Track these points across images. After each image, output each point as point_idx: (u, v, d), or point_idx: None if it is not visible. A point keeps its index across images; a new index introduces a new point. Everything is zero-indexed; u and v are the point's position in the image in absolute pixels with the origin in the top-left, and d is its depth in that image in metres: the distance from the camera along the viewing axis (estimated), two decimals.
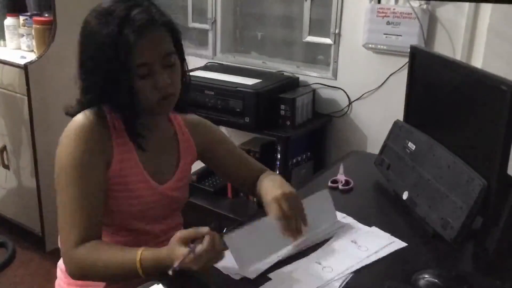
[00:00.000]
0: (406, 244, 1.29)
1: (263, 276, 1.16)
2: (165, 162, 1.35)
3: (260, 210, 1.33)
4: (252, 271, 1.17)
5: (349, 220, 1.39)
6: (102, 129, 1.22)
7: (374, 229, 1.35)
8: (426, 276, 1.11)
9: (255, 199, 2.41)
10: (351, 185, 1.58)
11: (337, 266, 1.19)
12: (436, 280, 1.10)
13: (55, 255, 1.42)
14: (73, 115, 1.27)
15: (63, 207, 1.19)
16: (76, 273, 1.18)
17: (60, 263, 1.40)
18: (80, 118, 1.22)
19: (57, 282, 1.41)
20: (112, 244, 1.22)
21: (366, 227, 1.36)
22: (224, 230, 1.27)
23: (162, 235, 1.34)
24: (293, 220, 1.21)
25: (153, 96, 1.20)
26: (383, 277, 1.16)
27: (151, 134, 1.30)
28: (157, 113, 1.27)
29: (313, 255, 1.24)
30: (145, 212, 1.29)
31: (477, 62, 2.04)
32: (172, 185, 1.33)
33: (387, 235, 1.33)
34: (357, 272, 1.17)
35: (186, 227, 1.27)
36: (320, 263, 1.20)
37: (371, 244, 1.28)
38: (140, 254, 1.12)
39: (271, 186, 1.30)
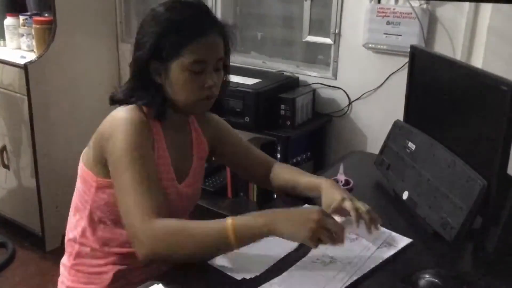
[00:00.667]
0: (412, 240, 1.30)
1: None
2: (183, 161, 1.38)
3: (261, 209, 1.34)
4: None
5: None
6: (145, 122, 1.24)
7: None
8: (426, 276, 1.11)
9: (255, 199, 2.42)
10: (351, 185, 1.58)
11: (342, 260, 1.19)
12: (436, 280, 1.10)
13: (55, 255, 1.43)
14: (119, 101, 1.29)
15: (128, 188, 1.16)
16: (154, 247, 1.10)
17: (64, 260, 1.41)
18: (126, 114, 1.22)
19: (60, 279, 1.42)
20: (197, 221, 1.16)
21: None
22: None
23: None
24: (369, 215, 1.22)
25: (198, 94, 1.25)
26: (384, 277, 1.16)
27: (176, 132, 1.35)
28: (194, 111, 1.33)
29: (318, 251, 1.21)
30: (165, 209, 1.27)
31: (477, 62, 2.03)
32: (188, 182, 1.37)
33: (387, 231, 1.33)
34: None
35: None
36: (323, 259, 1.20)
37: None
38: (230, 219, 1.09)
39: (317, 181, 1.39)
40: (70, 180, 2.98)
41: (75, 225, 1.37)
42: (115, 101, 1.31)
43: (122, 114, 1.23)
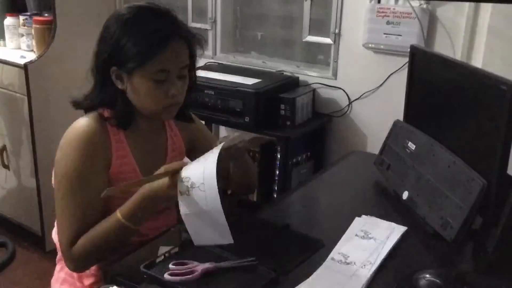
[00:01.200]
0: (406, 228, 1.32)
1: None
2: (154, 160, 1.36)
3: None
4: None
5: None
6: (102, 130, 1.26)
7: (371, 219, 1.37)
8: (426, 276, 1.11)
9: (255, 199, 2.41)
10: None
11: (358, 259, 1.20)
12: (436, 280, 1.10)
13: (55, 255, 1.43)
14: (82, 108, 1.32)
15: (61, 211, 1.25)
16: (80, 266, 1.25)
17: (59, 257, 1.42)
18: (81, 123, 1.27)
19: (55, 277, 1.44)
20: (94, 227, 1.24)
21: (368, 218, 1.37)
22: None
23: (152, 232, 1.36)
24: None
25: (162, 102, 1.25)
26: (384, 277, 1.16)
27: (144, 136, 1.34)
28: (158, 118, 1.32)
29: (332, 251, 1.23)
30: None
31: (477, 62, 2.04)
32: None
33: (387, 222, 1.35)
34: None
35: None
36: (340, 259, 1.20)
37: (377, 234, 1.30)
38: (118, 210, 1.20)
39: None
40: None
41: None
42: (78, 107, 1.33)
43: (78, 125, 1.26)
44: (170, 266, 1.12)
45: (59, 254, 1.41)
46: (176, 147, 1.43)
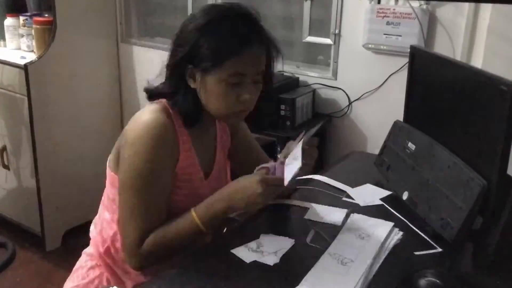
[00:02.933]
0: (393, 225, 1.35)
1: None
2: (208, 156, 1.38)
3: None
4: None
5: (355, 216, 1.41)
6: (170, 125, 1.23)
7: (373, 220, 1.37)
8: (426, 276, 1.11)
9: None
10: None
11: (356, 259, 1.20)
12: (436, 280, 1.10)
13: (55, 255, 1.43)
14: (153, 95, 1.29)
15: (131, 209, 1.21)
16: (146, 263, 1.23)
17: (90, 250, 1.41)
18: (150, 118, 1.21)
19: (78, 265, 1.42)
20: (165, 224, 1.23)
21: (367, 218, 1.37)
22: (224, 230, 1.27)
23: None
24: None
25: (233, 106, 1.23)
26: (384, 277, 1.16)
27: (201, 130, 1.33)
28: (225, 121, 1.32)
29: (328, 252, 1.23)
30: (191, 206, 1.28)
31: (477, 62, 2.04)
32: (213, 176, 1.37)
33: (386, 222, 1.36)
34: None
35: None
36: (338, 259, 1.20)
37: (375, 235, 1.31)
38: (193, 211, 1.20)
39: None
40: (70, 180, 2.99)
41: (102, 226, 1.37)
42: (152, 95, 1.29)
43: (146, 118, 1.21)
44: None
45: (94, 253, 1.38)
46: (224, 140, 1.44)
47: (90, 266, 1.38)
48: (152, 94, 1.29)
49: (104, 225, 1.35)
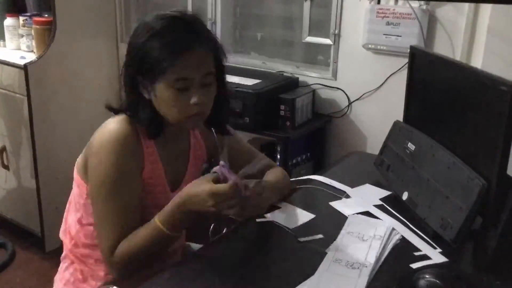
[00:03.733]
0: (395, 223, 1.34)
1: None
2: (178, 167, 1.37)
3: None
4: None
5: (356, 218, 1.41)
6: (134, 133, 1.24)
7: (373, 220, 1.36)
8: (426, 276, 1.11)
9: None
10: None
11: (354, 259, 1.21)
12: (436, 280, 1.10)
13: (55, 255, 1.43)
14: (114, 111, 1.30)
15: (102, 218, 1.23)
16: (123, 273, 1.23)
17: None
18: (114, 127, 1.23)
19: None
20: (134, 232, 1.23)
21: (367, 219, 1.37)
22: (224, 230, 1.27)
23: None
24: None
25: (184, 111, 1.22)
26: (384, 277, 1.16)
27: (171, 143, 1.33)
28: (184, 127, 1.30)
29: (328, 255, 1.23)
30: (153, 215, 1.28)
31: (477, 62, 2.04)
32: (181, 189, 1.34)
33: (386, 223, 1.36)
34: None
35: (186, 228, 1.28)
36: (347, 264, 1.20)
37: (376, 236, 1.31)
38: (156, 218, 1.19)
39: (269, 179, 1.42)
40: (70, 180, 2.97)
41: (66, 226, 1.41)
42: (111, 109, 1.31)
43: (111, 127, 1.23)
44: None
45: (64, 253, 1.41)
46: (198, 154, 1.43)
47: (64, 267, 1.41)
48: (114, 111, 1.31)
49: (70, 223, 1.38)
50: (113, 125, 1.24)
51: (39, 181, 2.67)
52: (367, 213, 1.44)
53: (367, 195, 1.55)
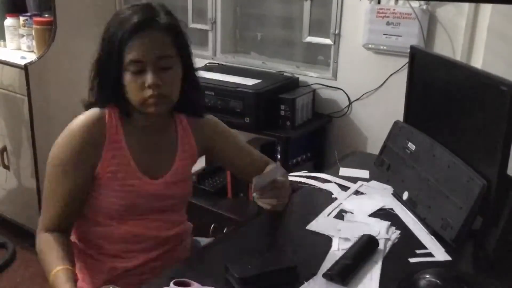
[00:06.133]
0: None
1: None
2: (161, 160, 1.37)
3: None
4: None
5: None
6: (97, 125, 1.29)
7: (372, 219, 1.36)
8: (426, 276, 1.11)
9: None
10: None
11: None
12: (436, 280, 1.10)
13: None
14: (86, 107, 1.36)
15: (45, 194, 1.32)
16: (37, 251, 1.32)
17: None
18: (79, 118, 1.31)
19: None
20: (59, 245, 1.28)
21: (366, 218, 1.37)
22: (225, 230, 1.27)
23: (159, 231, 1.37)
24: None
25: (141, 94, 1.25)
26: (384, 277, 1.16)
27: (148, 133, 1.35)
28: (145, 111, 1.30)
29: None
30: (137, 205, 1.33)
31: (477, 62, 2.04)
32: (164, 181, 1.36)
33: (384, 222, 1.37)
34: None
35: None
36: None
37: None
38: (56, 269, 1.22)
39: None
40: None
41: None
42: (87, 106, 1.36)
43: (78, 118, 1.31)
44: (171, 285, 1.07)
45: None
46: (187, 148, 1.42)
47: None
48: (87, 104, 1.37)
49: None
50: (80, 117, 1.31)
51: (39, 181, 2.67)
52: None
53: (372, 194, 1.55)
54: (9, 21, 2.89)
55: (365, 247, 1.24)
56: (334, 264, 1.17)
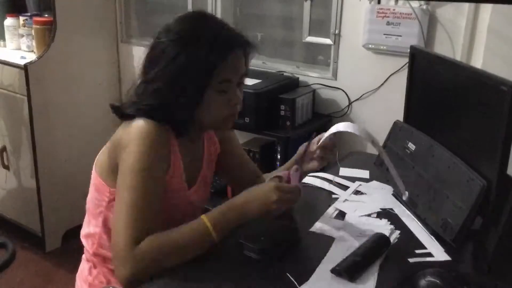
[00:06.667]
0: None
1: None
2: (193, 167, 1.37)
3: None
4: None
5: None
6: (164, 137, 1.22)
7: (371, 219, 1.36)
8: (426, 276, 1.11)
9: None
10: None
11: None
12: (436, 280, 1.10)
13: (55, 255, 1.43)
14: (125, 117, 1.25)
15: (126, 207, 1.15)
16: (140, 269, 1.11)
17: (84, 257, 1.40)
18: (144, 123, 1.20)
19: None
20: (173, 229, 1.17)
21: (365, 218, 1.37)
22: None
23: None
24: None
25: (225, 112, 1.24)
26: (384, 277, 1.16)
27: (189, 140, 1.33)
28: (220, 128, 1.32)
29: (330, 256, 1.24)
30: (172, 215, 1.27)
31: (477, 62, 2.04)
32: (196, 188, 1.36)
33: (384, 222, 1.37)
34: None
35: None
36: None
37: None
38: (206, 219, 1.16)
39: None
40: (70, 180, 2.99)
41: (89, 229, 1.38)
42: (124, 116, 1.25)
43: (140, 125, 1.19)
44: None
45: (86, 255, 1.39)
46: (212, 152, 1.43)
47: (87, 270, 1.38)
48: (125, 116, 1.25)
49: (92, 226, 1.36)
50: (143, 123, 1.19)
51: (39, 181, 2.68)
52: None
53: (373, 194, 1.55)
54: (9, 21, 2.89)
55: (376, 246, 1.24)
56: (343, 260, 1.17)
